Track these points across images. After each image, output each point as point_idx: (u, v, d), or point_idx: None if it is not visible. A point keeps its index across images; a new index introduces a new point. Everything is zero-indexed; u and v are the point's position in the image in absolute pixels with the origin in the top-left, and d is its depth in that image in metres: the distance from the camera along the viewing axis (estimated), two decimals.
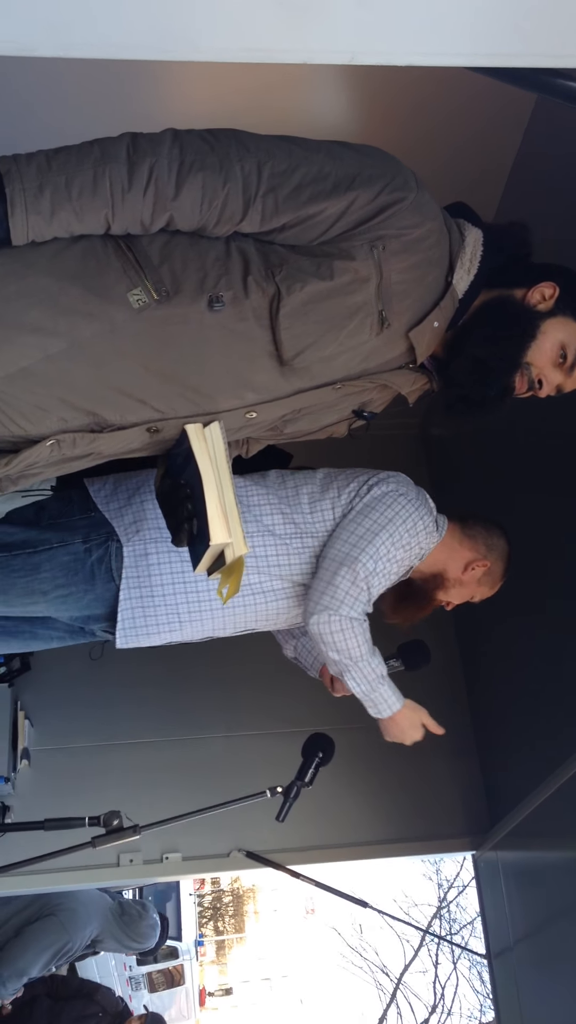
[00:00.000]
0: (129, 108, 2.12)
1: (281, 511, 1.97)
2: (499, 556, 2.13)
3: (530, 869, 3.16)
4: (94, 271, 1.40)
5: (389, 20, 0.92)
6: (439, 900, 13.84)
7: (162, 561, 1.89)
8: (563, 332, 1.59)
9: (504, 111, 2.57)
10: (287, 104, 2.28)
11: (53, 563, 1.86)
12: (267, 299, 1.43)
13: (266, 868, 3.36)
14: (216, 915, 21.23)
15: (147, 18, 0.90)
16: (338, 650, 1.86)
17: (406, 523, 1.93)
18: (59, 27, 0.90)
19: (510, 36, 0.95)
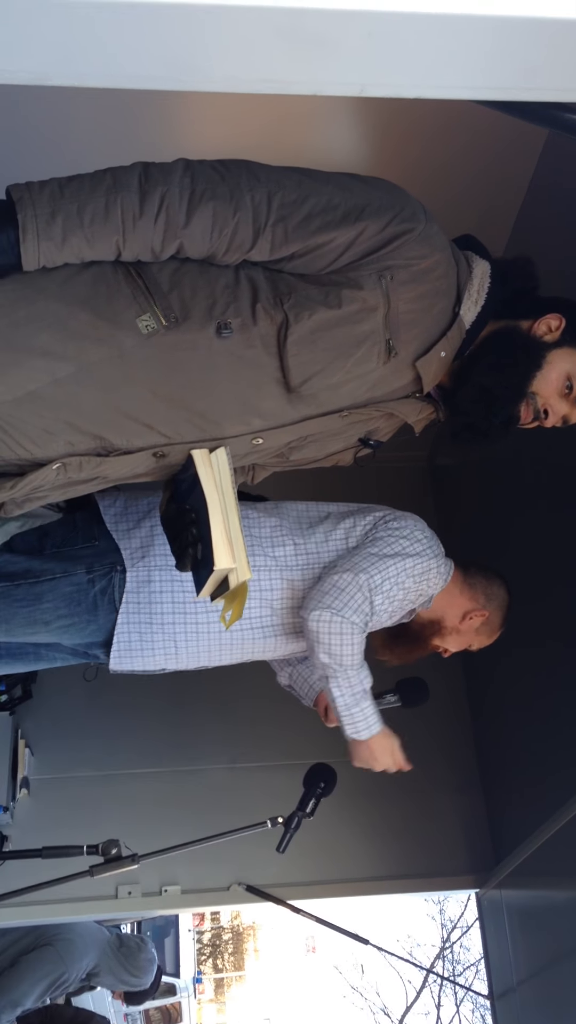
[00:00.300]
0: (142, 138, 2.16)
1: (294, 541, 1.96)
2: (498, 607, 2.12)
3: (534, 909, 3.11)
4: (104, 297, 1.41)
5: (398, 53, 0.93)
6: (443, 940, 13.63)
7: (164, 589, 1.88)
8: (569, 363, 1.60)
9: (515, 145, 2.60)
10: (300, 136, 2.32)
11: (56, 593, 1.85)
12: (275, 326, 1.45)
13: (266, 902, 3.32)
14: (215, 952, 20.91)
15: (160, 48, 0.91)
16: (331, 653, 1.82)
17: (418, 559, 1.92)
18: (72, 57, 0.91)
19: (517, 70, 0.96)
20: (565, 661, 2.77)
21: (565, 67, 0.96)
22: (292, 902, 3.25)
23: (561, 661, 2.79)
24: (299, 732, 3.15)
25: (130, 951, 4.10)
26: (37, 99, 2.30)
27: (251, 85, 0.96)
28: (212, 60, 0.93)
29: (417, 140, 2.60)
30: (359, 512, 2.02)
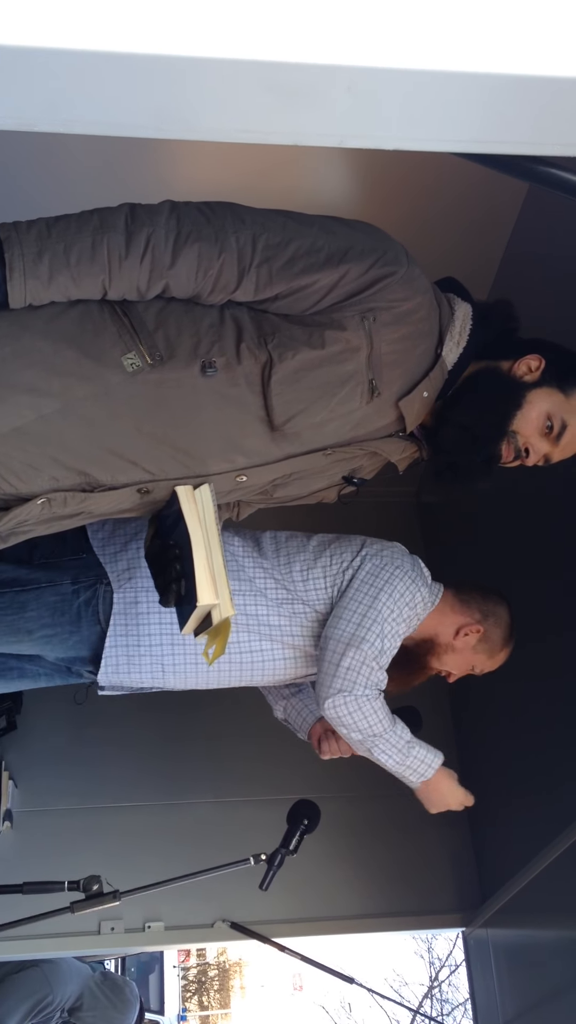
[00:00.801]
0: (130, 179, 2.19)
1: (274, 577, 1.97)
2: (496, 623, 2.09)
3: (521, 948, 3.08)
4: (90, 335, 1.43)
5: (377, 106, 0.96)
6: (431, 979, 13.44)
7: (151, 611, 1.89)
8: (548, 402, 1.63)
9: (498, 195, 2.67)
10: (286, 180, 2.36)
11: (40, 603, 1.86)
12: (259, 366, 1.47)
13: (251, 940, 3.28)
14: (201, 989, 20.57)
15: (145, 98, 0.94)
16: (359, 729, 1.84)
17: (404, 597, 1.92)
18: (58, 104, 0.93)
19: (494, 123, 0.98)
20: (554, 697, 2.76)
21: (539, 122, 0.99)
22: (277, 939, 3.21)
23: (550, 697, 2.79)
24: (285, 766, 3.14)
25: (115, 986, 4.05)
26: (26, 141, 2.34)
27: (233, 135, 0.98)
28: (195, 111, 0.95)
29: (401, 187, 2.66)
30: (335, 546, 2.01)
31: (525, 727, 2.94)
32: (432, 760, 1.94)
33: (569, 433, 1.63)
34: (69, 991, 3.93)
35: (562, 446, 1.65)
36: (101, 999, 3.97)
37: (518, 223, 2.84)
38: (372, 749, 1.87)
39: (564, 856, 2.63)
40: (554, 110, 0.98)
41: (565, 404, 1.63)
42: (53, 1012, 3.90)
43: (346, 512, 2.10)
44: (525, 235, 2.84)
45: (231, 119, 0.96)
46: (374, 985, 4.08)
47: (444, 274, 1.67)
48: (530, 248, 2.82)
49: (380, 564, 1.94)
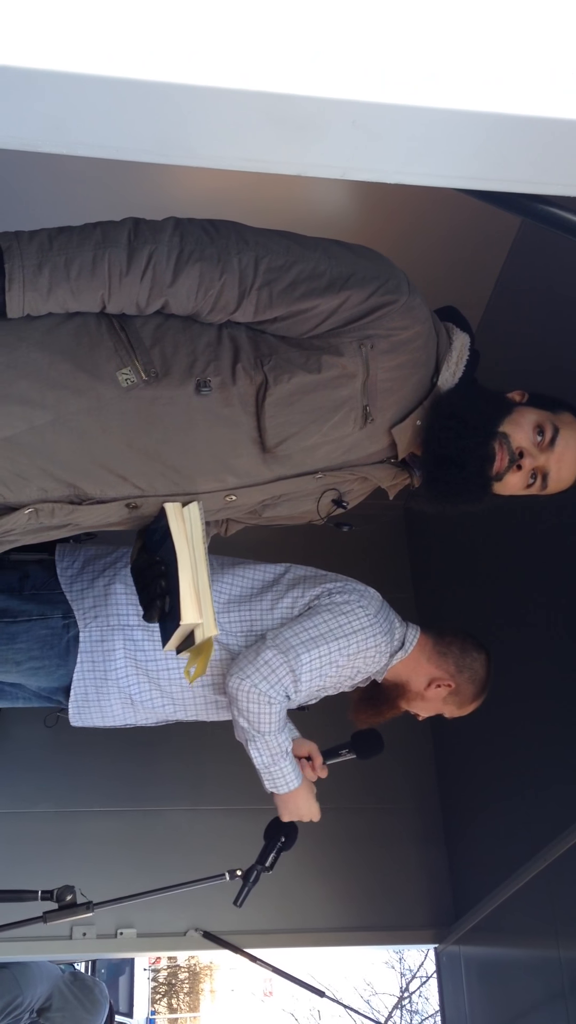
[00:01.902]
0: (132, 190, 2.19)
1: (239, 609, 1.96)
2: (469, 679, 2.07)
3: (492, 966, 3.09)
4: (86, 348, 1.43)
5: (380, 141, 0.96)
6: (401, 990, 13.44)
7: (116, 647, 1.90)
8: (536, 415, 1.61)
9: (491, 228, 2.72)
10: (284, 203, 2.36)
11: (30, 635, 1.87)
12: (254, 387, 1.47)
13: (223, 950, 3.27)
14: (171, 991, 20.49)
15: (150, 124, 0.94)
16: (248, 720, 1.84)
17: (354, 637, 1.90)
18: (61, 126, 0.93)
19: (495, 162, 0.99)
20: (533, 722, 2.77)
21: (538, 161, 0.99)
22: (250, 950, 3.21)
23: (529, 722, 2.80)
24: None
25: (85, 986, 4.03)
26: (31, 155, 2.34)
27: (235, 163, 0.99)
28: (198, 138, 0.96)
29: (396, 213, 2.70)
30: (308, 581, 2.00)
31: (503, 751, 2.95)
32: (292, 782, 1.95)
33: (562, 441, 1.60)
34: (39, 992, 3.91)
35: (557, 454, 1.60)
36: (70, 999, 3.95)
37: (509, 257, 2.89)
38: (249, 742, 1.88)
39: (537, 878, 2.64)
40: (554, 150, 0.99)
41: (554, 417, 1.62)
42: (23, 1013, 3.88)
43: (336, 536, 2.11)
44: (516, 269, 2.88)
45: (234, 148, 0.97)
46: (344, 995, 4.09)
47: (437, 297, 1.67)
48: (520, 282, 2.86)
49: (344, 600, 1.94)
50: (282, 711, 1.86)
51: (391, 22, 0.90)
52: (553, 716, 2.64)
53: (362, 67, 0.90)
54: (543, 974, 2.61)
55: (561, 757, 2.58)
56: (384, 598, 2.07)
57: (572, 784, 2.50)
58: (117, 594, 1.90)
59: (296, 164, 0.99)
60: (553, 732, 2.64)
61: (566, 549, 2.55)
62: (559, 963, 2.51)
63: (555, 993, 2.52)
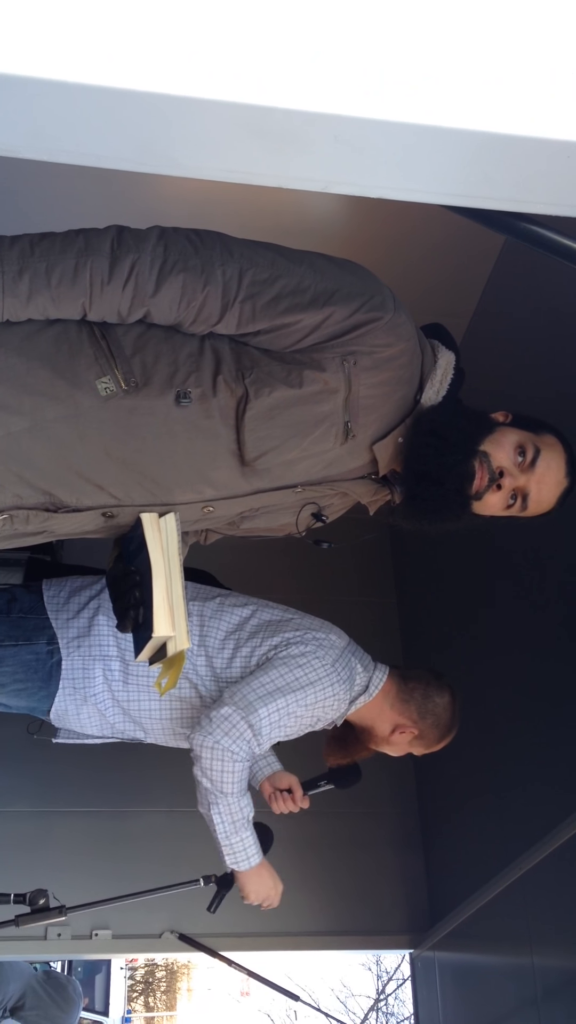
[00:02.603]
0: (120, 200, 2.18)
1: (206, 654, 1.98)
2: (432, 724, 2.07)
3: (467, 973, 3.10)
4: (66, 355, 1.41)
5: (363, 155, 0.96)
6: (377, 992, 13.46)
7: (96, 675, 1.94)
8: (518, 435, 1.60)
9: (474, 246, 2.74)
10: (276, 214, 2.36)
11: (16, 660, 1.90)
12: (235, 400, 1.45)
13: (199, 952, 3.27)
14: (147, 990, 20.46)
15: (131, 133, 0.93)
16: (211, 779, 1.84)
17: (311, 688, 1.90)
18: (44, 133, 0.93)
19: (478, 180, 0.99)
20: (513, 730, 2.78)
21: (521, 179, 0.99)
22: (225, 953, 3.21)
23: (509, 730, 2.80)
24: None
25: (58, 985, 4.01)
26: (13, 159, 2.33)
27: (217, 174, 0.98)
28: (181, 148, 0.95)
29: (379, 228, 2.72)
30: (269, 629, 1.99)
31: (483, 759, 2.96)
32: (253, 857, 1.95)
33: (543, 462, 1.58)
34: (11, 990, 3.89)
35: (538, 475, 1.58)
36: (44, 998, 3.94)
37: (494, 272, 2.90)
38: (212, 805, 1.88)
39: (512, 886, 2.65)
40: (538, 169, 0.99)
41: (536, 438, 1.61)
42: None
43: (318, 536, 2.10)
44: (500, 285, 2.90)
45: (216, 159, 0.96)
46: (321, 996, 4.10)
47: (421, 313, 1.66)
48: (504, 298, 2.88)
49: (301, 651, 1.93)
50: (244, 770, 1.86)
51: (376, 37, 0.89)
52: (533, 724, 2.65)
53: (346, 81, 0.90)
54: (516, 981, 2.62)
55: (539, 766, 2.59)
56: (367, 603, 2.08)
57: (549, 792, 2.51)
58: (100, 625, 1.94)
59: (278, 176, 0.98)
60: (533, 741, 2.64)
61: (548, 550, 2.56)
62: (532, 970, 2.52)
63: (528, 1000, 2.53)
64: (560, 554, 2.47)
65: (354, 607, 3.38)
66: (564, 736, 2.44)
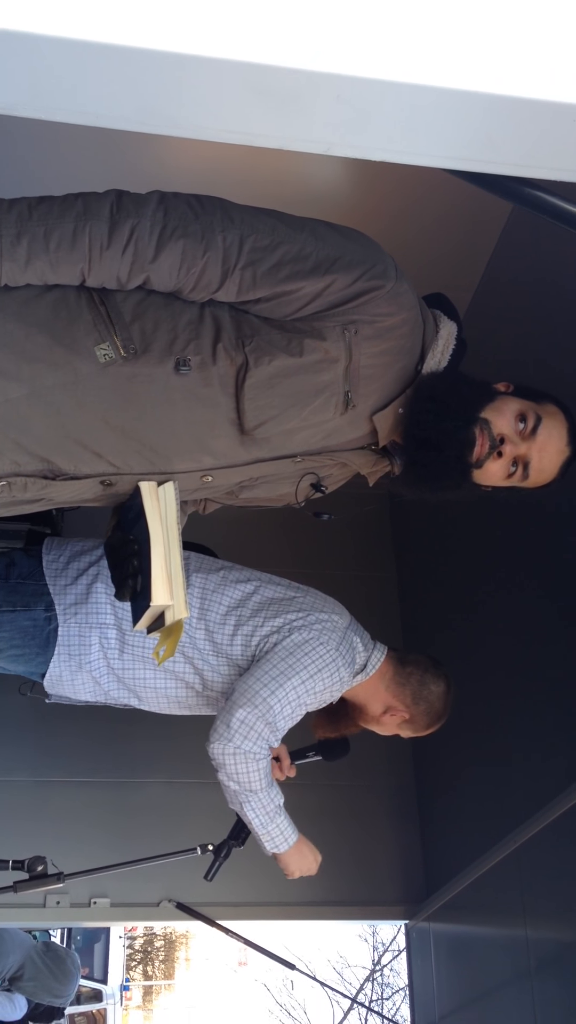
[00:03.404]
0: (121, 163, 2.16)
1: (206, 625, 1.96)
2: (424, 711, 2.07)
3: (461, 944, 3.13)
4: (64, 321, 1.40)
5: (366, 117, 0.94)
6: (373, 963, 13.62)
7: (93, 643, 1.92)
8: (520, 404, 1.59)
9: (482, 213, 2.70)
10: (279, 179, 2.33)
11: (13, 626, 1.89)
12: (234, 368, 1.44)
13: (196, 921, 3.30)
14: (146, 959, 20.73)
15: (130, 92, 0.92)
16: (238, 781, 1.84)
17: (322, 673, 1.90)
18: (41, 92, 0.91)
19: (481, 144, 0.98)
20: (508, 703, 2.79)
21: (526, 143, 0.98)
22: (223, 922, 3.24)
23: (504, 703, 2.81)
24: None
25: (57, 957, 4.07)
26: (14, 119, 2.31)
27: (218, 135, 0.97)
28: (181, 108, 0.94)
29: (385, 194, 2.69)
30: (272, 608, 1.97)
31: (479, 732, 2.97)
32: (290, 836, 1.97)
33: (544, 430, 1.57)
34: (10, 962, 3.94)
35: (539, 443, 1.57)
36: (42, 969, 3.99)
37: (500, 242, 2.87)
38: (244, 804, 1.89)
39: (507, 859, 2.67)
40: (545, 134, 0.98)
41: (538, 407, 1.59)
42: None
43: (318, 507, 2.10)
44: (506, 255, 2.86)
45: (216, 119, 0.95)
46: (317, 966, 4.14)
47: (424, 282, 1.64)
48: (510, 268, 2.85)
49: (305, 638, 1.91)
50: (267, 765, 1.87)
51: None
52: (529, 698, 2.66)
53: (349, 40, 0.88)
54: (511, 953, 2.64)
55: (534, 740, 2.61)
56: (365, 577, 2.07)
57: (544, 766, 2.52)
58: (98, 592, 1.92)
59: (279, 138, 0.97)
60: (528, 714, 2.65)
61: (548, 526, 2.56)
62: (526, 942, 2.55)
63: (522, 972, 2.56)
64: (564, 531, 2.47)
65: (352, 581, 3.38)
66: (560, 712, 2.44)
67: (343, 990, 12.55)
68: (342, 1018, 13.38)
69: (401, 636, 3.65)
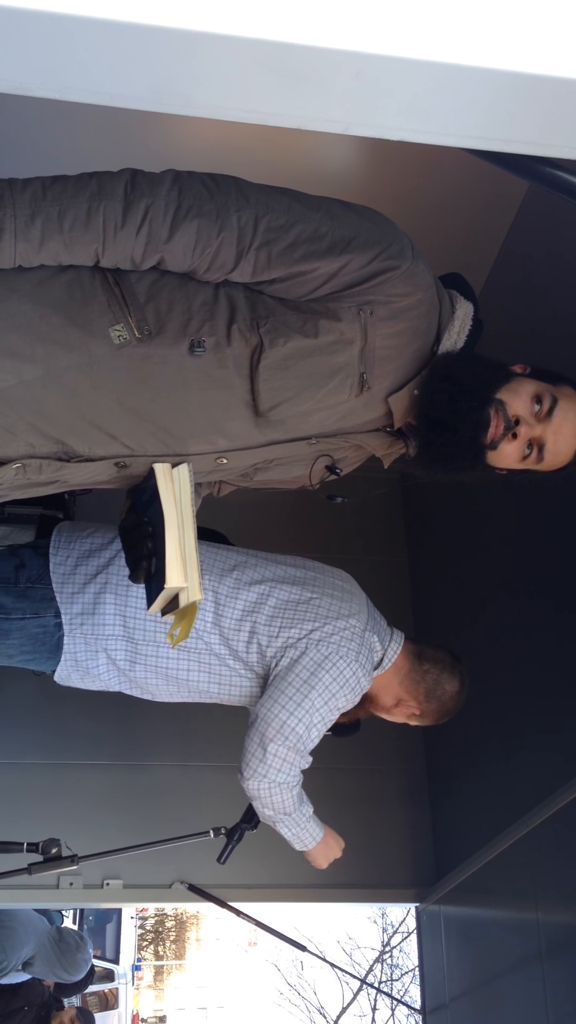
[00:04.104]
0: (133, 143, 2.14)
1: (220, 631, 1.94)
2: (436, 709, 2.07)
3: (472, 926, 3.14)
4: (78, 302, 1.39)
5: (384, 95, 0.93)
6: (383, 945, 13.71)
7: (99, 657, 1.92)
8: (536, 385, 1.57)
9: (498, 191, 2.67)
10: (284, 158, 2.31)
11: (23, 633, 1.89)
12: (249, 349, 1.43)
13: (208, 903, 3.32)
14: (157, 939, 20.92)
15: (142, 70, 0.90)
16: (273, 808, 1.90)
17: (343, 689, 1.89)
18: (54, 71, 0.90)
19: (502, 122, 0.96)
20: (520, 688, 2.79)
21: (547, 122, 0.96)
22: (234, 904, 3.25)
23: (517, 688, 2.81)
24: None
25: (67, 947, 4.09)
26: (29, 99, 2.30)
27: (234, 114, 0.96)
28: (196, 87, 0.92)
29: (401, 172, 2.65)
30: (288, 614, 1.92)
31: (491, 716, 2.97)
32: (317, 835, 2.04)
33: (560, 412, 1.54)
34: (23, 953, 3.97)
35: (555, 425, 1.54)
36: (51, 957, 4.02)
37: (515, 221, 2.83)
38: (277, 823, 1.96)
39: (519, 842, 2.67)
40: (564, 111, 0.96)
41: (554, 389, 1.57)
42: (7, 971, 3.96)
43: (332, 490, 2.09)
44: (522, 234, 2.83)
45: (232, 98, 0.93)
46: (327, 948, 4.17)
47: (439, 262, 1.62)
48: (526, 247, 2.81)
49: (324, 654, 1.88)
50: (298, 787, 1.93)
51: None
52: (540, 683, 2.65)
53: (367, 17, 0.87)
54: (521, 935, 2.65)
55: (547, 724, 2.60)
56: (377, 562, 2.07)
57: (556, 751, 2.52)
58: (106, 604, 1.88)
59: (297, 117, 0.96)
60: (539, 699, 2.65)
61: (565, 512, 2.54)
62: (537, 925, 2.55)
63: (532, 954, 2.57)
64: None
65: (363, 566, 3.37)
66: (573, 697, 2.44)
67: (352, 971, 12.64)
68: (351, 999, 13.49)
69: (412, 622, 3.64)
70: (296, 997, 15.41)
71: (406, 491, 4.00)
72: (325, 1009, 14.60)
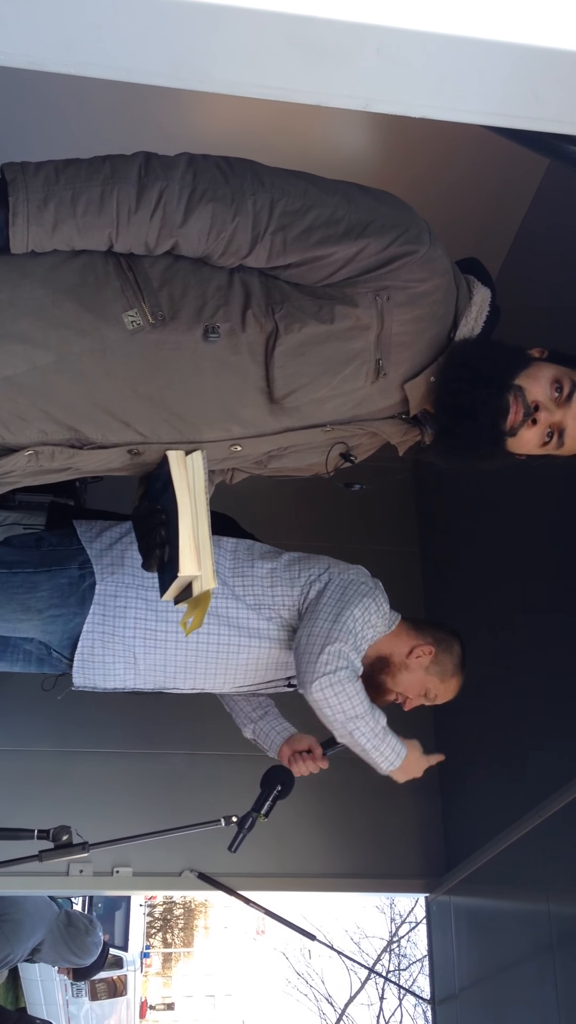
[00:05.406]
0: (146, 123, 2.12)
1: (246, 583, 2.04)
2: (447, 649, 2.14)
3: (482, 917, 3.13)
4: (92, 287, 1.38)
5: (407, 72, 0.91)
6: (390, 934, 13.74)
7: (128, 605, 1.95)
8: (555, 370, 1.54)
9: (517, 169, 2.62)
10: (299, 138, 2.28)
11: (51, 584, 1.93)
12: (264, 335, 1.41)
13: (217, 891, 3.32)
14: (166, 927, 21.02)
15: (160, 44, 0.89)
16: (343, 710, 1.86)
17: (369, 610, 1.97)
18: (69, 45, 0.88)
19: (526, 99, 0.94)
20: (532, 678, 2.77)
21: (572, 98, 0.94)
22: (243, 892, 3.26)
23: (528, 678, 2.79)
24: None
25: (77, 932, 4.10)
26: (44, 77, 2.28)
27: (253, 90, 0.94)
28: (215, 61, 0.91)
29: (418, 150, 2.60)
30: (304, 562, 2.08)
31: (502, 707, 2.95)
32: (401, 750, 1.99)
33: None
34: (30, 944, 3.99)
35: (575, 410, 1.53)
36: (59, 943, 4.03)
37: (534, 202, 2.79)
38: (353, 732, 1.89)
39: (530, 834, 2.66)
40: None
41: (573, 373, 1.55)
42: (14, 963, 3.97)
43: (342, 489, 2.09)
44: (540, 216, 2.79)
45: (251, 73, 0.92)
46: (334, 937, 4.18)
47: (455, 245, 1.60)
48: (544, 230, 2.78)
49: (347, 580, 2.02)
50: (362, 688, 1.90)
51: None
52: (554, 673, 2.63)
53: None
54: (532, 927, 2.64)
55: (559, 715, 2.58)
56: (388, 552, 2.11)
57: (569, 742, 2.50)
58: (133, 556, 1.94)
59: (317, 93, 0.94)
60: (552, 689, 2.63)
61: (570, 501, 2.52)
62: (548, 916, 2.54)
63: (543, 946, 2.56)
64: None
65: (373, 555, 3.36)
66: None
67: (360, 960, 12.68)
68: (359, 988, 13.53)
69: (424, 612, 3.63)
70: (304, 985, 15.48)
71: (418, 478, 3.98)
72: (333, 998, 14.65)
